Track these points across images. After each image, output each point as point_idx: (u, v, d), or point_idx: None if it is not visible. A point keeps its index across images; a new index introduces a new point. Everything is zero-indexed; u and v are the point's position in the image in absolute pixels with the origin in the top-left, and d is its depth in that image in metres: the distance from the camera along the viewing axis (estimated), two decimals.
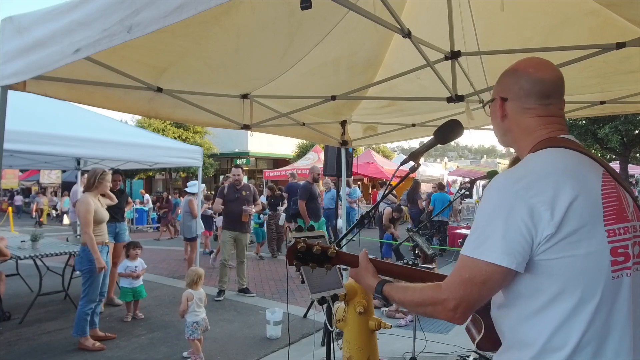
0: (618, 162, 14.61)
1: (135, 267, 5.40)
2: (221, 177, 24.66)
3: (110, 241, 5.31)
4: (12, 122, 2.41)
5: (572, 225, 1.00)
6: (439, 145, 1.76)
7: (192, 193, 7.83)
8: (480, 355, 3.96)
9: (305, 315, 5.44)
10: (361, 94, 3.51)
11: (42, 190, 23.55)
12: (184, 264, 8.29)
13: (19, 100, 2.88)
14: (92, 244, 4.39)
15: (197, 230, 7.55)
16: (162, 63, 2.55)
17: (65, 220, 18.23)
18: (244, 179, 7.05)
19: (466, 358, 4.04)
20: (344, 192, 5.41)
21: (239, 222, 6.49)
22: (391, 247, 7.80)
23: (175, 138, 19.53)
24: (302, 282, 2.01)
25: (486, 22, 2.60)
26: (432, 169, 21.48)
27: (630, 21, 2.26)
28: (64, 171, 18.82)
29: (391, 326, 2.46)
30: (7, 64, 1.88)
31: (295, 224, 7.39)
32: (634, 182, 21.84)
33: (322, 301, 2.11)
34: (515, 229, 1.01)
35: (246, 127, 3.63)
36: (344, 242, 2.19)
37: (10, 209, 16.62)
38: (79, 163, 8.11)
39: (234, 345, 4.65)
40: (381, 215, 9.22)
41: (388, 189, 2.30)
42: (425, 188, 16.32)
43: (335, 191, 9.59)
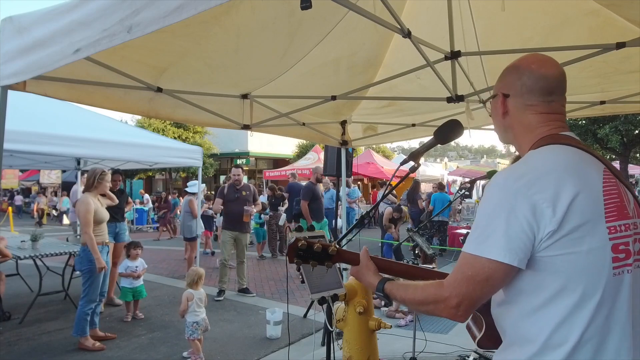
0: (618, 162, 14.59)
1: (136, 267, 5.40)
2: (221, 177, 24.75)
3: (110, 241, 5.31)
4: (12, 122, 2.41)
5: (573, 222, 1.00)
6: (439, 145, 1.75)
7: (193, 193, 7.83)
8: (480, 355, 3.96)
9: (305, 315, 5.44)
10: (361, 94, 3.51)
11: (42, 190, 23.54)
12: (184, 264, 8.29)
13: (19, 100, 2.88)
14: (92, 244, 4.39)
15: (197, 230, 7.56)
16: (162, 63, 2.55)
17: (65, 220, 18.23)
18: (244, 179, 7.05)
19: (466, 358, 4.04)
20: (343, 192, 5.41)
21: (239, 222, 6.49)
22: (392, 247, 7.80)
23: (175, 138, 19.54)
24: (302, 282, 2.01)
25: (486, 22, 2.60)
26: (432, 169, 21.46)
27: (630, 21, 2.26)
28: (64, 171, 18.82)
29: (391, 326, 2.46)
30: (7, 64, 1.88)
31: (296, 224, 7.40)
32: (634, 182, 21.83)
33: (322, 301, 2.11)
34: (517, 225, 1.01)
35: (246, 127, 3.63)
36: (344, 242, 2.19)
37: (10, 209, 16.63)
38: (79, 163, 8.11)
39: (234, 345, 4.65)
40: (382, 215, 9.21)
41: (388, 189, 2.30)
42: (425, 188, 16.32)
43: (334, 191, 9.59)
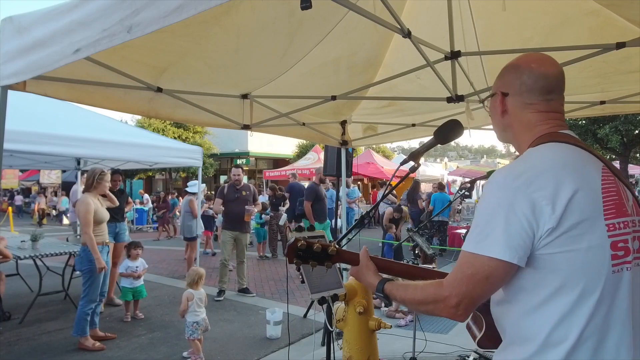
0: (618, 162, 14.60)
1: (137, 267, 5.40)
2: (222, 177, 24.74)
3: (111, 241, 5.31)
4: (12, 122, 2.41)
5: (572, 219, 1.00)
6: (439, 145, 1.75)
7: (193, 193, 7.84)
8: (480, 355, 3.96)
9: (305, 315, 5.44)
10: (361, 94, 3.51)
11: (42, 190, 23.55)
12: (184, 264, 8.29)
13: (19, 100, 2.88)
14: (92, 244, 4.39)
15: (197, 230, 7.56)
16: (162, 63, 2.55)
17: (64, 220, 18.23)
18: (244, 179, 7.05)
19: (466, 358, 4.04)
20: (343, 192, 5.41)
21: (239, 222, 6.48)
22: (392, 247, 7.81)
23: (175, 138, 19.55)
24: (302, 282, 2.01)
25: (486, 22, 2.60)
26: (432, 169, 21.46)
27: (630, 21, 2.26)
28: (64, 171, 18.82)
29: (391, 326, 2.46)
30: (7, 64, 1.88)
31: (297, 224, 7.38)
32: (634, 182, 21.82)
33: (322, 301, 2.11)
34: (517, 223, 1.01)
35: (246, 127, 3.63)
36: (344, 242, 2.19)
37: (10, 209, 16.63)
38: (79, 163, 8.11)
39: (234, 345, 4.65)
40: (383, 215, 9.21)
41: (388, 189, 2.30)
42: (425, 188, 16.31)
43: (333, 191, 9.57)
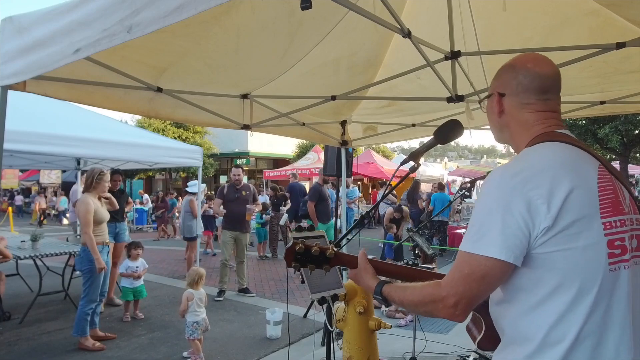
0: (618, 162, 14.60)
1: (137, 267, 5.40)
2: (222, 177, 24.72)
3: (111, 241, 5.31)
4: (12, 122, 2.41)
5: (568, 218, 1.00)
6: (439, 145, 1.75)
7: (193, 193, 7.84)
8: (480, 355, 3.96)
9: (305, 315, 5.44)
10: (361, 94, 3.51)
11: (42, 190, 23.55)
12: (184, 264, 8.29)
13: (19, 100, 2.88)
14: (92, 245, 4.38)
15: (197, 230, 7.56)
16: (162, 63, 2.55)
17: (64, 220, 18.22)
18: (244, 179, 7.05)
19: (466, 358, 4.04)
20: (344, 192, 5.41)
21: (239, 222, 6.48)
22: (392, 247, 7.80)
23: (175, 138, 19.54)
24: (302, 282, 2.01)
25: (486, 22, 2.60)
26: (432, 169, 21.46)
27: (630, 21, 2.26)
28: (64, 171, 18.81)
29: (391, 326, 2.46)
30: (7, 64, 1.89)
31: (297, 224, 7.36)
32: (634, 182, 21.82)
33: (322, 301, 2.11)
34: (513, 222, 1.01)
35: (246, 127, 3.63)
36: (343, 242, 2.19)
37: (10, 209, 16.62)
38: (79, 163, 8.11)
39: (234, 345, 4.65)
40: (384, 216, 9.21)
41: (388, 189, 2.30)
42: (425, 188, 16.31)
43: (332, 191, 9.57)
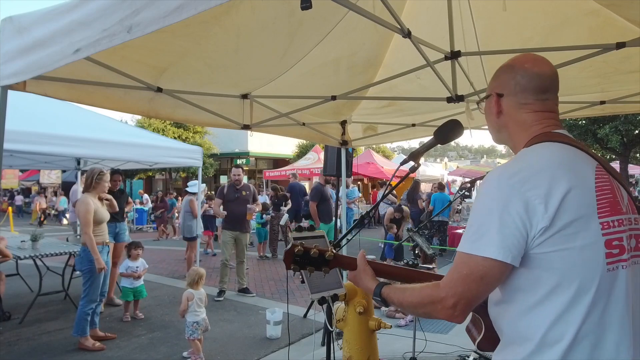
0: (618, 162, 14.60)
1: (137, 267, 5.40)
2: (222, 177, 24.70)
3: (111, 241, 5.31)
4: (12, 122, 2.41)
5: (566, 218, 1.00)
6: (439, 145, 1.75)
7: (193, 193, 7.84)
8: (480, 355, 3.96)
9: (305, 315, 5.44)
10: (361, 94, 3.51)
11: (42, 190, 23.54)
12: (184, 264, 8.29)
13: (19, 100, 2.88)
14: (92, 245, 4.38)
15: (197, 230, 7.56)
16: (162, 63, 2.55)
17: (64, 220, 18.21)
18: (244, 179, 7.05)
19: (466, 358, 4.04)
20: (344, 192, 5.40)
21: (239, 222, 6.48)
22: (392, 247, 7.81)
23: (175, 138, 19.54)
24: (302, 282, 2.01)
25: (486, 22, 2.60)
26: (432, 169, 21.47)
27: (630, 21, 2.26)
28: (64, 171, 18.81)
29: (391, 326, 2.46)
30: (7, 64, 1.88)
31: (297, 224, 7.36)
32: (634, 182, 21.81)
33: (322, 301, 2.11)
34: (511, 222, 1.01)
35: (246, 127, 3.63)
36: (343, 242, 2.19)
37: (10, 209, 16.62)
38: (79, 163, 8.11)
39: (234, 345, 4.65)
40: (384, 216, 9.21)
41: (388, 189, 2.30)
42: (425, 188, 16.31)
43: (332, 191, 9.57)
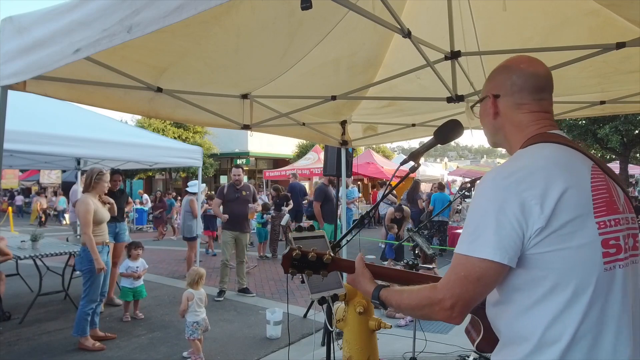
0: (618, 162, 14.60)
1: (137, 267, 5.40)
2: (222, 177, 24.72)
3: (111, 241, 5.31)
4: (12, 122, 2.41)
5: (562, 218, 1.00)
6: (439, 145, 1.75)
7: (193, 193, 7.84)
8: (480, 355, 3.96)
9: (305, 315, 5.44)
10: (361, 94, 3.51)
11: (42, 190, 23.54)
12: (184, 264, 8.29)
13: (19, 100, 2.88)
14: (92, 245, 4.38)
15: (197, 230, 7.56)
16: (162, 63, 2.55)
17: (63, 220, 18.21)
18: (244, 179, 7.05)
19: (466, 358, 4.04)
20: (344, 192, 5.40)
21: (239, 222, 6.48)
22: (392, 247, 7.80)
23: (175, 138, 19.55)
24: (302, 282, 2.00)
25: (486, 22, 2.60)
26: (432, 169, 21.48)
27: (630, 21, 2.26)
28: (64, 171, 18.81)
29: (391, 326, 2.45)
30: (7, 64, 1.89)
31: (297, 224, 7.35)
32: (634, 182, 21.81)
33: (322, 301, 2.11)
34: (507, 223, 1.01)
35: (246, 127, 3.63)
36: (343, 242, 2.18)
37: (10, 209, 16.62)
38: (79, 163, 8.11)
39: (234, 345, 4.65)
40: (385, 216, 9.21)
41: (388, 189, 2.30)
42: (425, 188, 16.31)
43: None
